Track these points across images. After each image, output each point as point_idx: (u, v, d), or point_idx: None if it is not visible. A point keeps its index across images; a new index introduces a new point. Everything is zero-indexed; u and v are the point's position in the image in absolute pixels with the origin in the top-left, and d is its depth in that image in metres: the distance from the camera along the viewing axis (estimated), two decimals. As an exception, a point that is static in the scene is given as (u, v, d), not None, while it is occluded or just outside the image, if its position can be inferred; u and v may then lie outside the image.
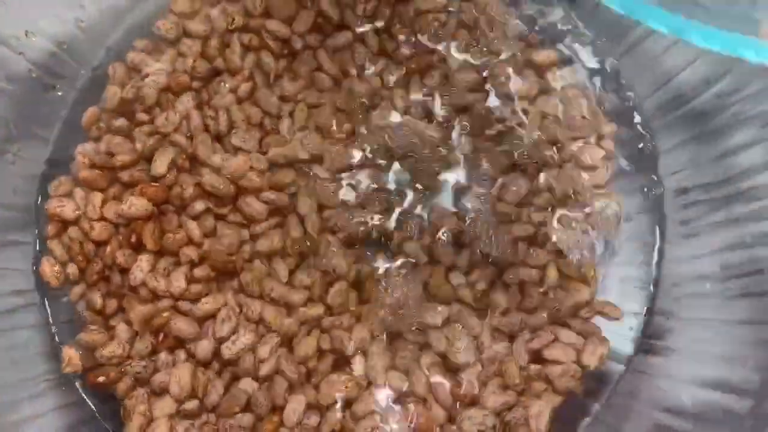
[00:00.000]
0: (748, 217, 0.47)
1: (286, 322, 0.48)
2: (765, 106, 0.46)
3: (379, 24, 0.53)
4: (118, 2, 0.54)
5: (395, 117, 0.52)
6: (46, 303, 0.51)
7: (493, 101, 0.52)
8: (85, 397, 0.49)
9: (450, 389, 0.48)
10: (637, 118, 0.52)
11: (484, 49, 0.53)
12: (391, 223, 0.51)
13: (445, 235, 0.50)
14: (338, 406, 0.47)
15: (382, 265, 0.50)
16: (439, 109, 0.52)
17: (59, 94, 0.53)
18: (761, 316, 0.44)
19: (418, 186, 0.51)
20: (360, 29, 0.53)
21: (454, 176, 0.52)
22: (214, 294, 0.49)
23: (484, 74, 0.52)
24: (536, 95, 0.52)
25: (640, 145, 0.52)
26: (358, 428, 0.47)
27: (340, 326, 0.49)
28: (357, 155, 0.52)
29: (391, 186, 0.52)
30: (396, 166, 0.52)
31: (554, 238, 0.50)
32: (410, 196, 0.51)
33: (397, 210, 0.51)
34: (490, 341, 0.49)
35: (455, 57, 0.52)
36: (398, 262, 0.50)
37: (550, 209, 0.50)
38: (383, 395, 0.48)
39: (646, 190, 0.52)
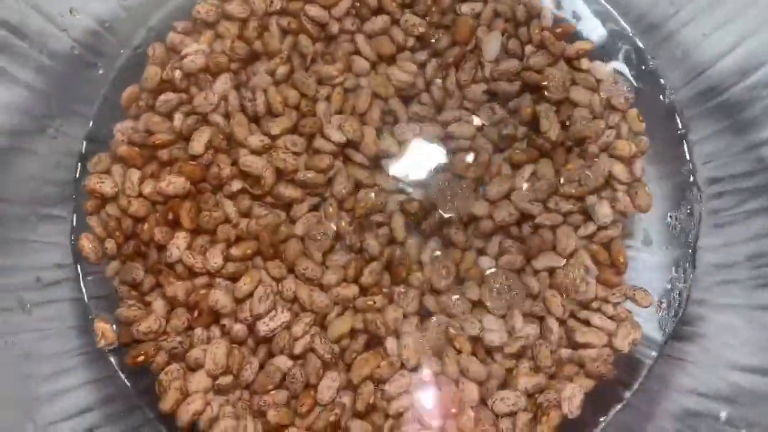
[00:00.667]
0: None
1: (320, 301, 0.49)
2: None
3: (417, 11, 0.54)
4: (160, -18, 0.55)
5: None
6: (83, 277, 0.51)
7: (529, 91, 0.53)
8: (119, 372, 0.50)
9: (482, 371, 0.48)
10: (671, 109, 0.53)
11: (521, 39, 0.53)
12: (425, 208, 0.51)
13: (474, 223, 0.51)
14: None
15: (414, 247, 0.51)
16: (476, 99, 0.53)
17: (100, 72, 0.54)
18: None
19: (453, 175, 0.52)
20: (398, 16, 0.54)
21: (484, 166, 0.52)
22: (251, 272, 0.49)
23: (521, 64, 0.53)
24: (570, 85, 0.52)
25: (673, 135, 0.52)
26: (391, 408, 0.47)
27: (373, 306, 0.49)
28: (392, 143, 0.52)
29: (426, 173, 0.52)
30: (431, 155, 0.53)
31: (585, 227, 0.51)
32: (444, 184, 0.52)
33: (430, 196, 0.52)
34: (521, 324, 0.49)
35: (492, 46, 0.53)
36: (430, 245, 0.51)
37: (579, 198, 0.51)
38: (416, 376, 0.48)
39: (679, 179, 0.52)
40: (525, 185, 0.51)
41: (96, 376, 0.49)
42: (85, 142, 0.53)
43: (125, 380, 0.50)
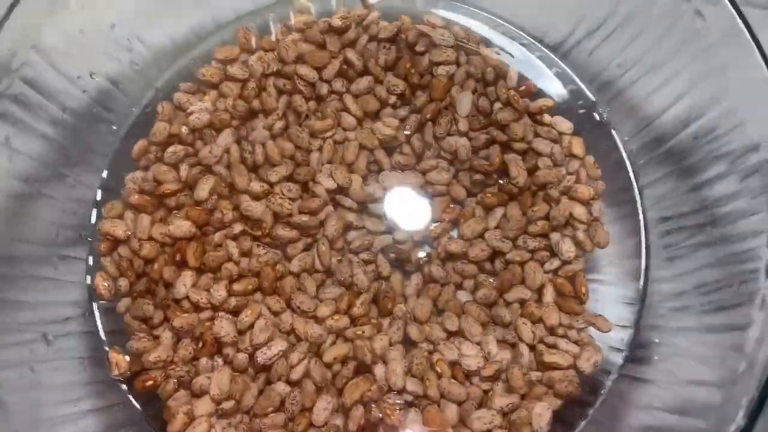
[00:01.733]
0: (721, 239, 0.54)
1: (314, 331, 0.54)
2: (732, 146, 0.53)
3: (398, 73, 0.60)
4: (166, 48, 0.61)
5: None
6: (97, 313, 0.56)
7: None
8: (132, 399, 0.54)
9: (461, 392, 0.53)
10: (623, 157, 0.60)
11: (490, 97, 0.60)
12: (408, 247, 0.57)
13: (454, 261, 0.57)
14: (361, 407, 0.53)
15: (398, 282, 0.56)
16: (450, 149, 0.59)
17: (113, 127, 0.60)
18: (733, 324, 0.50)
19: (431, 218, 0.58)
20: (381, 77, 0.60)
21: (458, 208, 0.58)
22: (252, 305, 0.54)
23: (489, 119, 0.59)
24: (534, 137, 0.59)
25: (626, 180, 0.59)
26: (379, 428, 0.52)
27: (362, 335, 0.54)
28: (378, 188, 0.58)
29: (407, 216, 0.58)
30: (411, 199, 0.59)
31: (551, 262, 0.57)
32: (424, 226, 0.58)
33: (412, 236, 0.57)
34: (496, 350, 0.54)
35: (465, 103, 0.59)
36: (413, 280, 0.57)
37: (544, 236, 0.57)
38: (402, 398, 0.53)
39: (633, 219, 0.58)
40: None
41: (110, 402, 0.53)
42: (99, 191, 0.59)
43: (137, 406, 0.54)
